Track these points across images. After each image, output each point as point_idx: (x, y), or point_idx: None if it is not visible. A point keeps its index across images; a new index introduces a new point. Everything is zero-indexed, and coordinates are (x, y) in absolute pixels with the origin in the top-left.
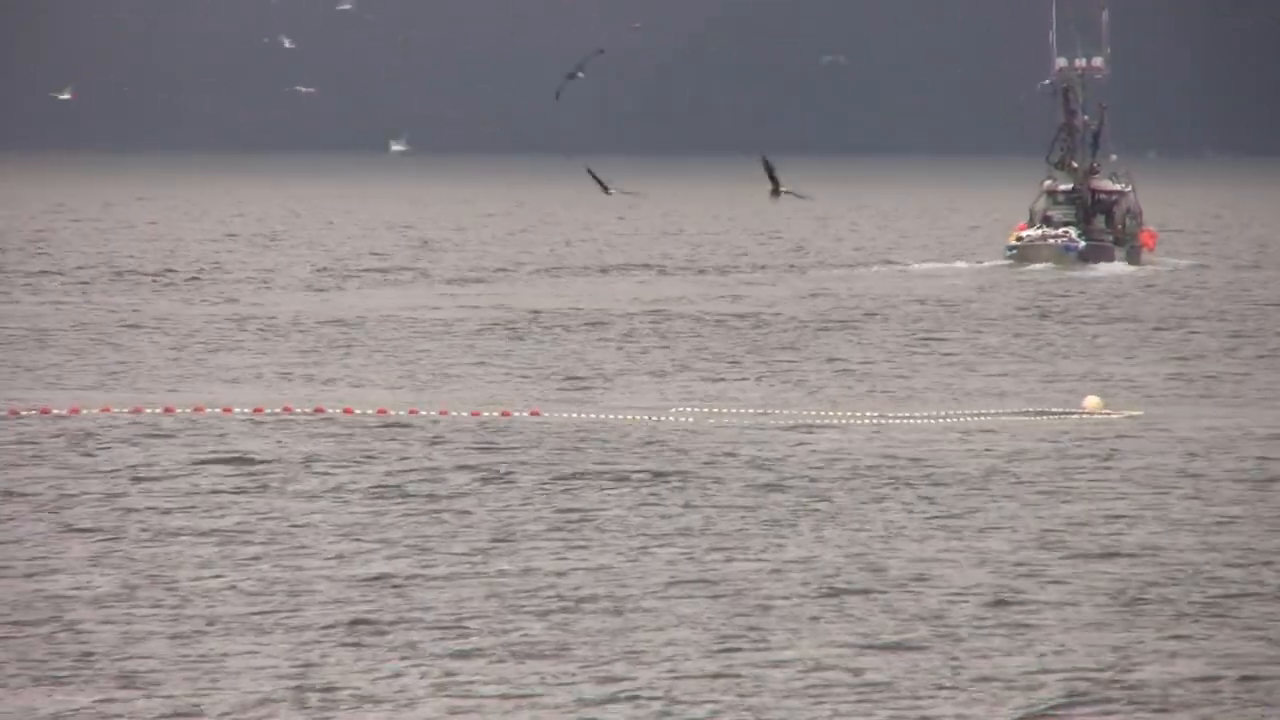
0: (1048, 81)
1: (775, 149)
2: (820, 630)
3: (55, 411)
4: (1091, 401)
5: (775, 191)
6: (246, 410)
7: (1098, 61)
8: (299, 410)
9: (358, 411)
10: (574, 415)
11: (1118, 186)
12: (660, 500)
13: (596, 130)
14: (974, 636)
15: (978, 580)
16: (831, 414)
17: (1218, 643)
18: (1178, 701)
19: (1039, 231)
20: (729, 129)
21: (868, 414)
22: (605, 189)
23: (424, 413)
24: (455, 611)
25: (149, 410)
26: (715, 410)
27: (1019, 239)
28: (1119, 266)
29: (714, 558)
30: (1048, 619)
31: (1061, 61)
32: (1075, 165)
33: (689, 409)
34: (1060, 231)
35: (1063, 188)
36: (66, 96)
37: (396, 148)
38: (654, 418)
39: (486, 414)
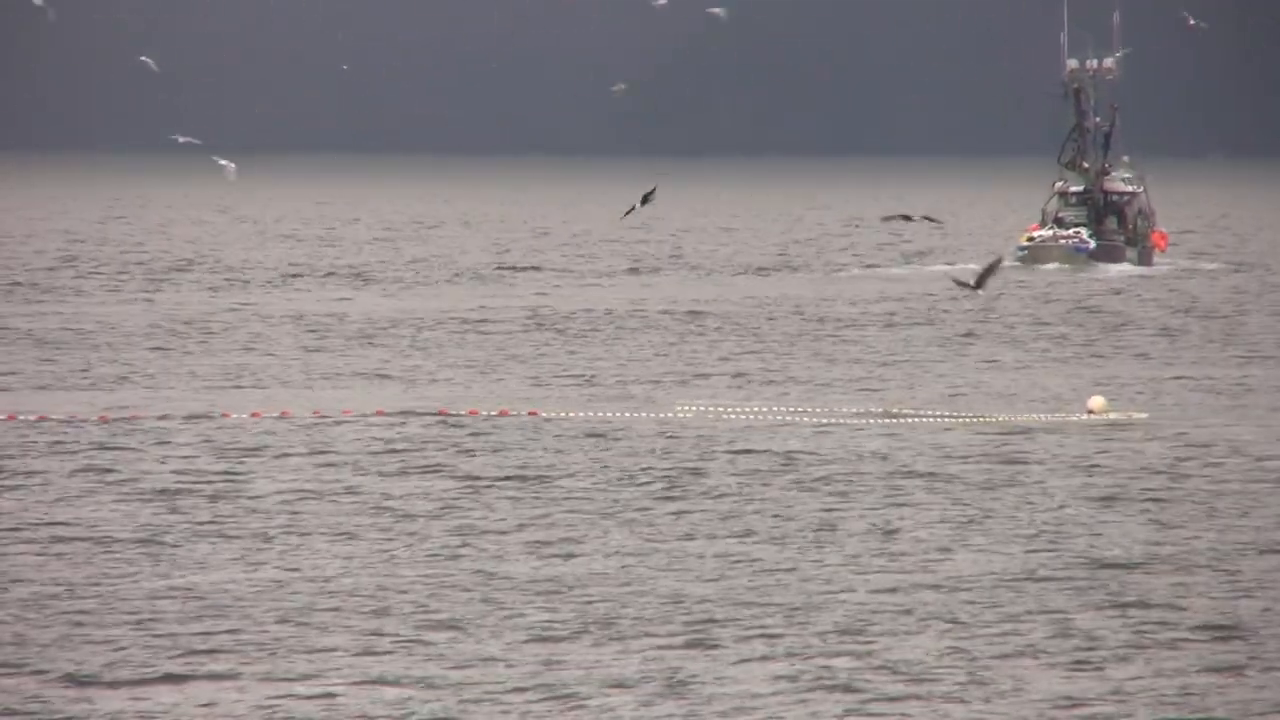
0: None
1: (776, 150)
2: (845, 631)
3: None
4: (1096, 403)
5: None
6: (334, 412)
7: (1109, 63)
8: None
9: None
10: (596, 415)
11: (1129, 187)
12: (686, 502)
13: (596, 132)
14: (983, 640)
15: (981, 580)
16: (836, 414)
17: (1227, 644)
18: (1190, 703)
19: (1050, 232)
20: (730, 131)
21: (873, 413)
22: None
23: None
24: (482, 614)
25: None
26: (719, 409)
27: (1030, 239)
28: (1129, 267)
29: (737, 560)
30: (1056, 620)
31: (1073, 62)
32: (1087, 166)
33: (698, 408)
34: (1071, 232)
35: (1074, 189)
36: None
37: (222, 162)
38: (667, 418)
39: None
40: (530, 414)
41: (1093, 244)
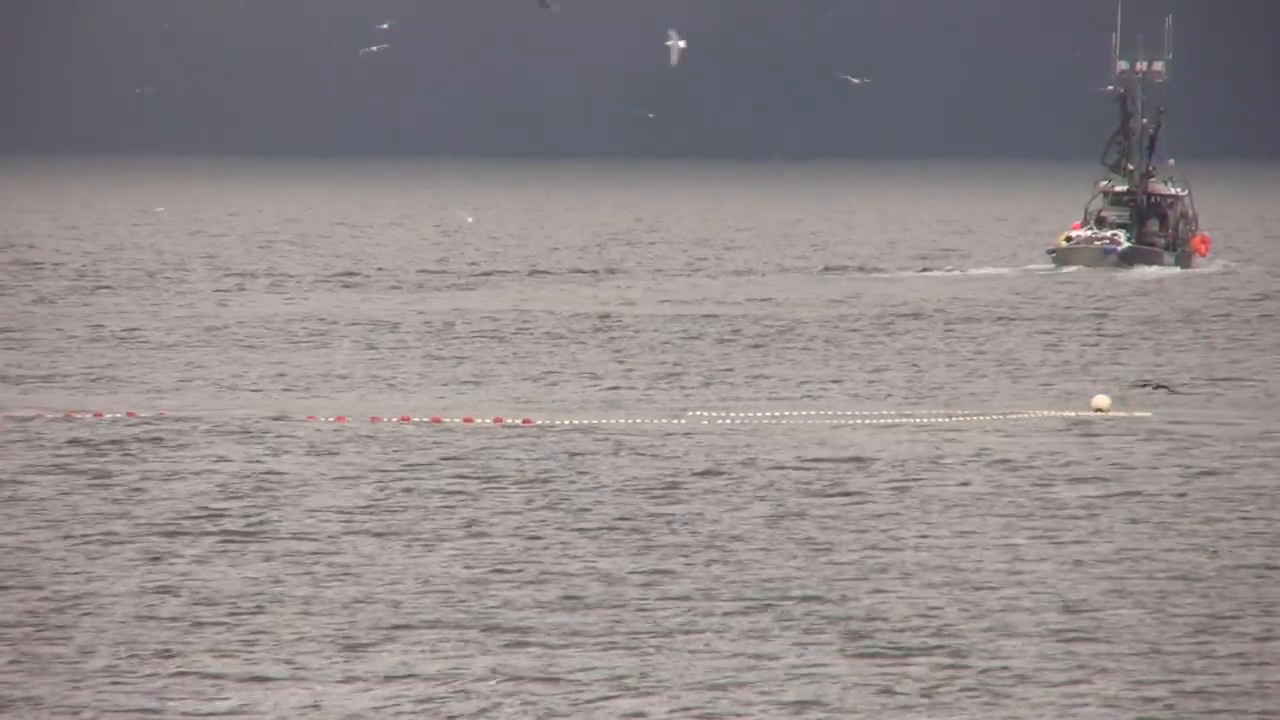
0: (1110, 87)
1: (777, 152)
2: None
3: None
4: (1101, 401)
5: None
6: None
7: (1158, 66)
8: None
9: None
10: (615, 421)
11: (1173, 190)
12: (703, 503)
13: (599, 134)
14: (986, 637)
15: (983, 581)
16: (844, 414)
17: (1228, 643)
18: (1188, 701)
19: (1089, 233)
20: (733, 133)
21: (883, 412)
22: None
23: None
24: (491, 615)
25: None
26: (727, 412)
27: (1068, 239)
28: (1155, 269)
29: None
30: (1058, 618)
31: (1122, 64)
32: (1131, 169)
33: (714, 413)
34: (1108, 235)
35: (1118, 189)
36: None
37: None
38: (676, 420)
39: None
40: (525, 422)
41: (1123, 246)
